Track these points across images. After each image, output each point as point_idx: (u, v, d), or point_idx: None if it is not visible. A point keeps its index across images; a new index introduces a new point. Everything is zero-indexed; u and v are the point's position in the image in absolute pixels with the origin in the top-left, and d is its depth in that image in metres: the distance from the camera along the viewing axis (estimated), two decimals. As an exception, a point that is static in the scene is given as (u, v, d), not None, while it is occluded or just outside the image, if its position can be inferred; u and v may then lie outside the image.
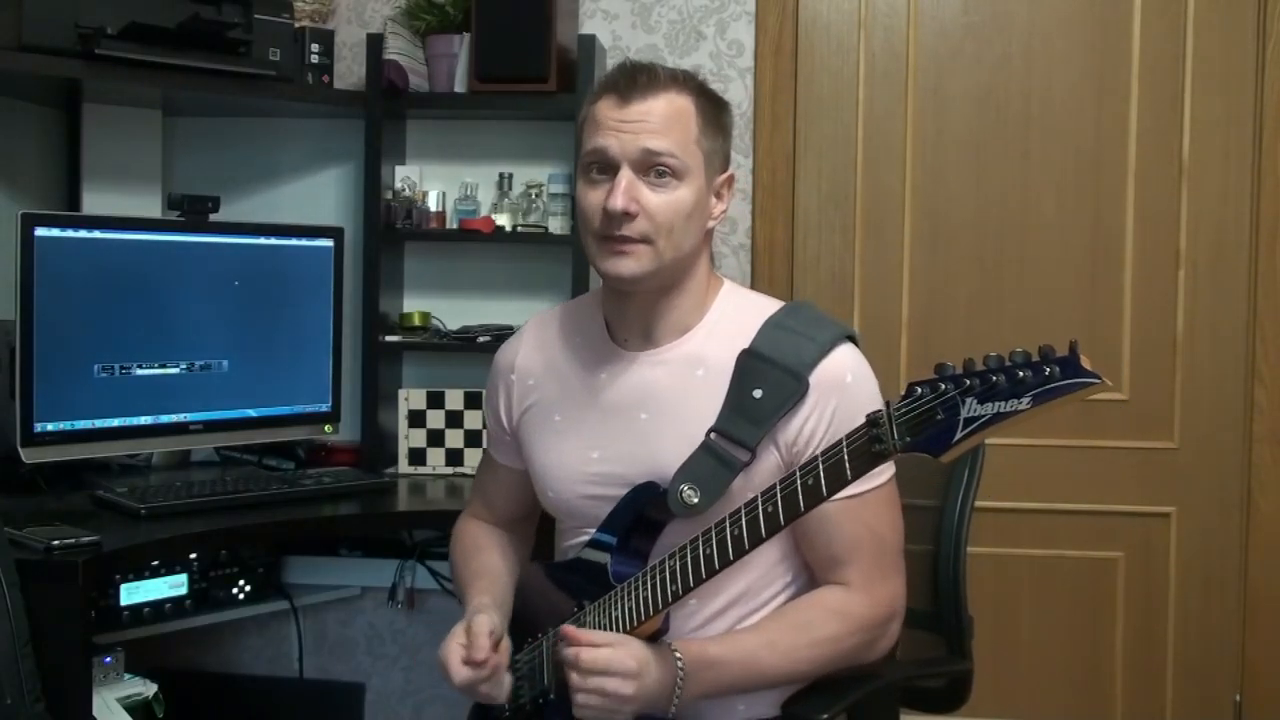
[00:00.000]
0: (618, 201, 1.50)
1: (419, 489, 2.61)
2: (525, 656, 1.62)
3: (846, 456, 1.32)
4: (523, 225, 2.72)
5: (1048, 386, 1.18)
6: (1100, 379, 1.17)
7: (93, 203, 2.62)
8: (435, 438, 2.69)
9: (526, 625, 1.66)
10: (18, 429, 2.26)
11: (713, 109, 1.59)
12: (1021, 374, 1.19)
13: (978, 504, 1.84)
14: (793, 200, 2.81)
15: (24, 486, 2.31)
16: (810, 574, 1.62)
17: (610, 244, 1.53)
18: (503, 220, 2.72)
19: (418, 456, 2.69)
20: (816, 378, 1.52)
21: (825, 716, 1.51)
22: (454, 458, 2.68)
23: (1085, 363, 1.17)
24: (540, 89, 2.59)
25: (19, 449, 2.26)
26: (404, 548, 2.79)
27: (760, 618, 1.58)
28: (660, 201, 1.53)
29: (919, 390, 1.25)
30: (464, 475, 2.67)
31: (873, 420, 1.29)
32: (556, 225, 2.68)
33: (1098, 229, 2.75)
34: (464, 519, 1.90)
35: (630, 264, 1.53)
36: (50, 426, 2.30)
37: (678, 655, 1.47)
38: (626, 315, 1.63)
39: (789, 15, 2.78)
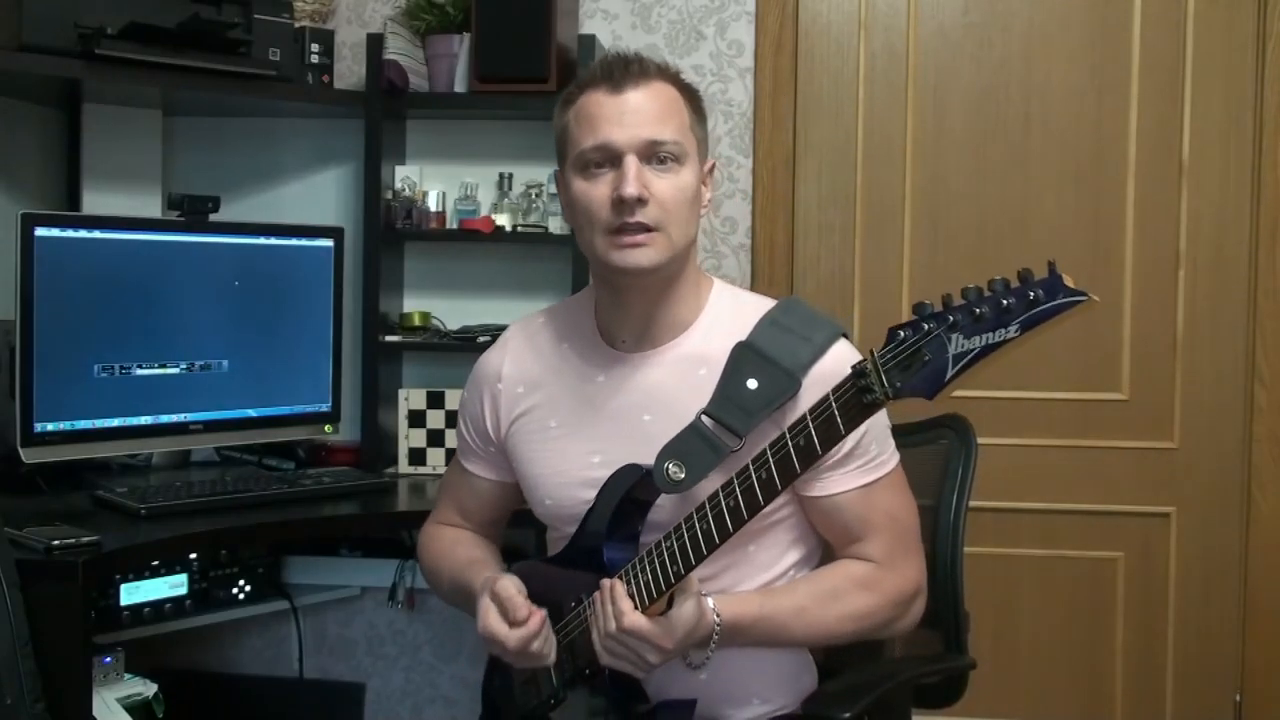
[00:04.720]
0: (631, 188, 1.49)
1: (419, 489, 2.61)
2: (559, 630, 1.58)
3: (837, 410, 1.30)
4: (523, 225, 2.72)
5: (1035, 311, 1.16)
6: (1087, 295, 1.15)
7: (93, 203, 2.62)
8: (435, 438, 2.69)
9: None
10: (18, 429, 2.26)
11: (695, 99, 1.60)
12: (1005, 302, 1.17)
13: (978, 504, 1.85)
14: (793, 200, 2.81)
15: (24, 486, 2.31)
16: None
17: (622, 236, 1.51)
18: (503, 220, 2.72)
19: (418, 456, 2.69)
20: (812, 377, 1.51)
21: (848, 715, 1.50)
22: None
23: (1068, 281, 1.15)
24: (540, 89, 2.59)
25: (19, 449, 2.26)
26: (404, 548, 2.79)
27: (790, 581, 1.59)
28: (668, 186, 1.52)
29: (902, 334, 1.23)
30: (464, 475, 2.67)
31: (859, 371, 1.27)
32: (556, 225, 2.68)
33: (1098, 229, 2.76)
34: (433, 525, 1.85)
35: (648, 254, 1.52)
36: (50, 426, 2.30)
37: (717, 623, 1.47)
38: (625, 315, 1.62)
39: (789, 15, 2.78)
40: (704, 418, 1.51)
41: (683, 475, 1.48)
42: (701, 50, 2.80)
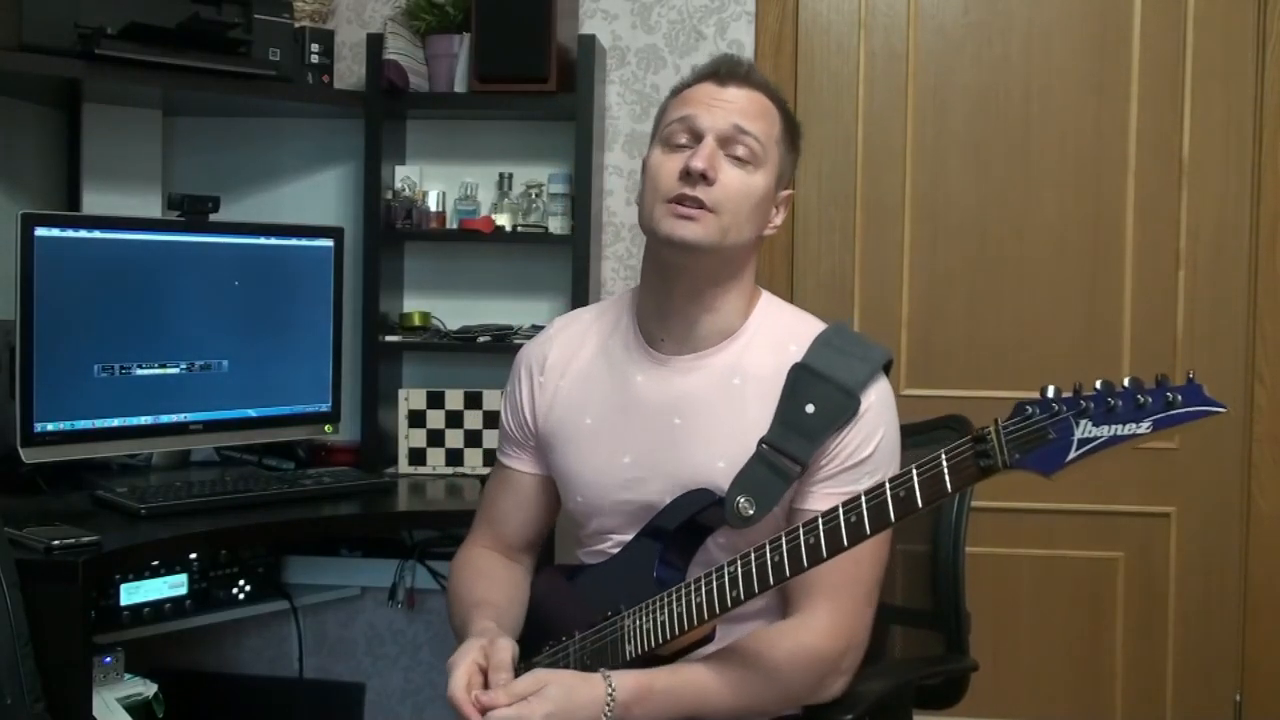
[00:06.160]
0: (700, 161, 1.52)
1: (419, 489, 2.61)
2: (546, 661, 1.56)
3: (947, 470, 1.28)
4: (523, 225, 2.72)
5: (1171, 413, 1.19)
6: (1225, 408, 1.19)
7: (93, 203, 2.62)
8: (435, 438, 2.69)
9: (549, 629, 1.61)
10: (18, 429, 2.26)
11: (793, 126, 1.66)
12: (1141, 398, 1.19)
13: (978, 504, 1.85)
14: (793, 200, 2.80)
15: (24, 486, 2.31)
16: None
17: (678, 206, 1.53)
18: (503, 220, 2.72)
19: (418, 456, 2.69)
20: (870, 394, 1.54)
21: (849, 717, 1.51)
22: (454, 458, 2.68)
23: (1207, 391, 1.18)
24: (540, 89, 2.59)
25: (19, 449, 2.26)
26: (404, 548, 2.79)
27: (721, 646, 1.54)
28: (736, 177, 1.55)
29: (1030, 410, 1.24)
30: (464, 475, 2.67)
31: (978, 436, 1.27)
32: (556, 225, 2.68)
33: (1098, 229, 2.76)
34: (467, 548, 1.80)
35: (694, 228, 1.53)
36: (50, 426, 2.30)
37: (611, 687, 1.43)
38: (669, 309, 1.61)
39: (789, 15, 2.78)
40: (765, 446, 1.52)
41: (753, 510, 1.49)
42: (701, 50, 2.80)
